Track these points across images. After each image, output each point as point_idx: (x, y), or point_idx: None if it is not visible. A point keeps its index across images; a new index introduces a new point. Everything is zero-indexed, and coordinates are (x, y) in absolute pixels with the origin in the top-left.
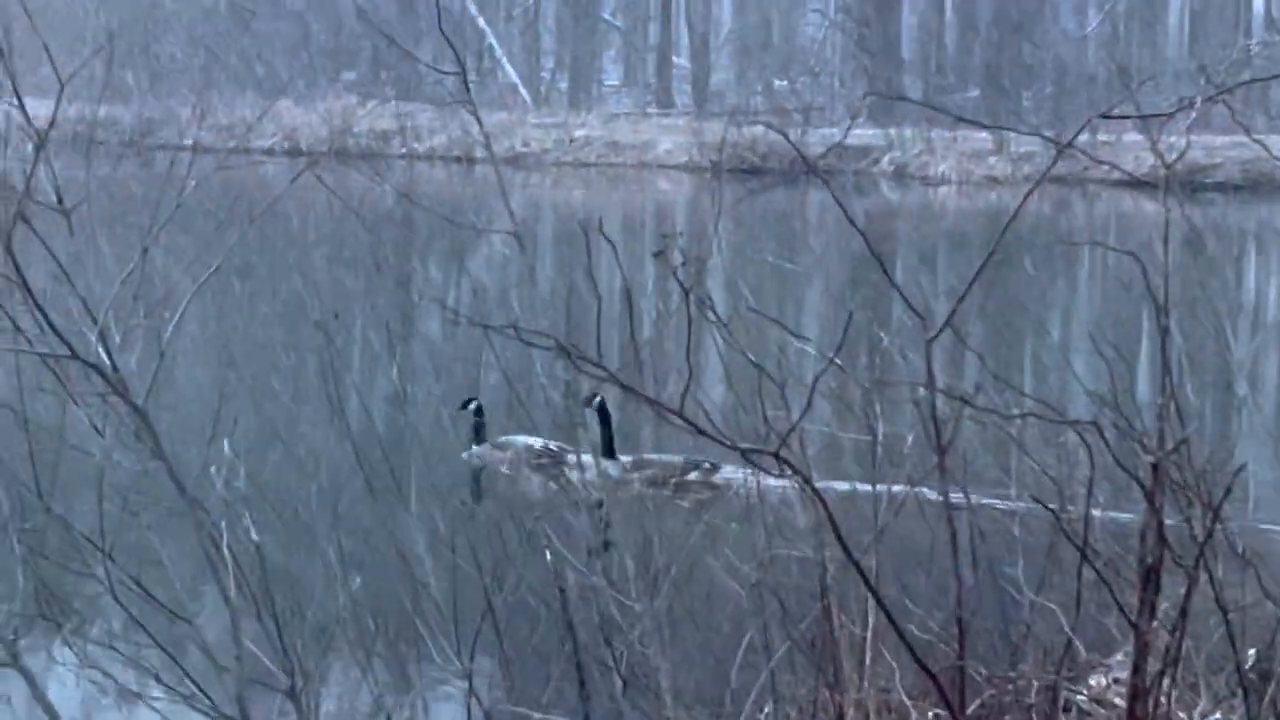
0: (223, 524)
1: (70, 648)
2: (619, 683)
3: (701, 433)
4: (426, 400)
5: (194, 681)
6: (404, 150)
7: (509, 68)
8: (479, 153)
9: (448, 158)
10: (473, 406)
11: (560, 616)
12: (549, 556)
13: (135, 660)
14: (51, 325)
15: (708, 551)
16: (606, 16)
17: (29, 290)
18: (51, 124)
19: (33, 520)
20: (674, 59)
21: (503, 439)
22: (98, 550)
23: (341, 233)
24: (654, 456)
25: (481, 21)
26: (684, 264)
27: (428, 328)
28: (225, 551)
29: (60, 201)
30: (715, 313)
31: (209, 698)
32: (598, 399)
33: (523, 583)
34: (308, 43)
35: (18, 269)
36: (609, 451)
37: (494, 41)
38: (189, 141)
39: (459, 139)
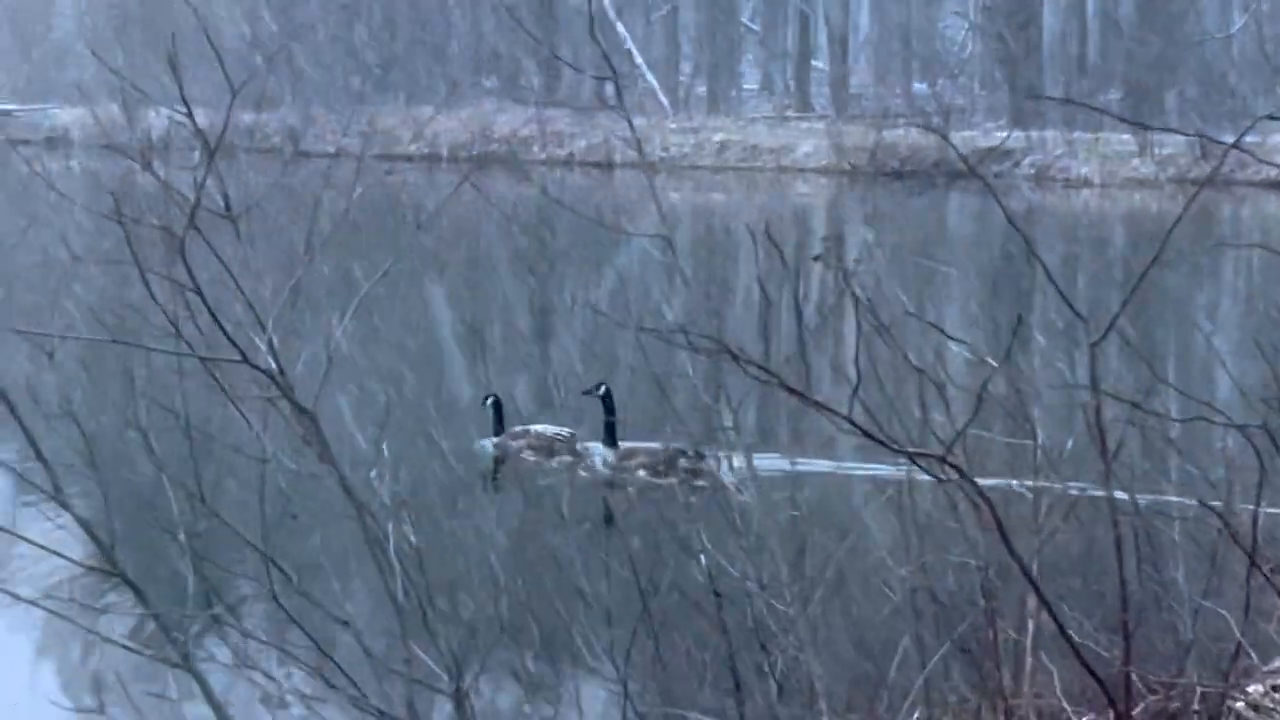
0: (389, 527)
1: (233, 649)
2: (774, 687)
3: (869, 436)
4: (580, 404)
5: (353, 683)
6: (544, 155)
7: (648, 73)
8: (618, 157)
9: (587, 163)
10: (491, 401)
11: (715, 620)
12: (703, 561)
13: (300, 662)
14: (224, 330)
15: (860, 555)
16: (745, 21)
17: (202, 296)
18: (223, 132)
19: (199, 523)
20: (812, 62)
21: (519, 428)
22: (259, 553)
23: (491, 237)
24: (645, 444)
25: (620, 27)
26: (844, 268)
27: (581, 330)
28: (391, 555)
29: (228, 208)
30: (876, 315)
31: (371, 700)
32: (601, 388)
33: (677, 587)
34: (449, 49)
35: (191, 275)
36: (610, 438)
37: (633, 47)
38: (333, 149)
39: (598, 144)
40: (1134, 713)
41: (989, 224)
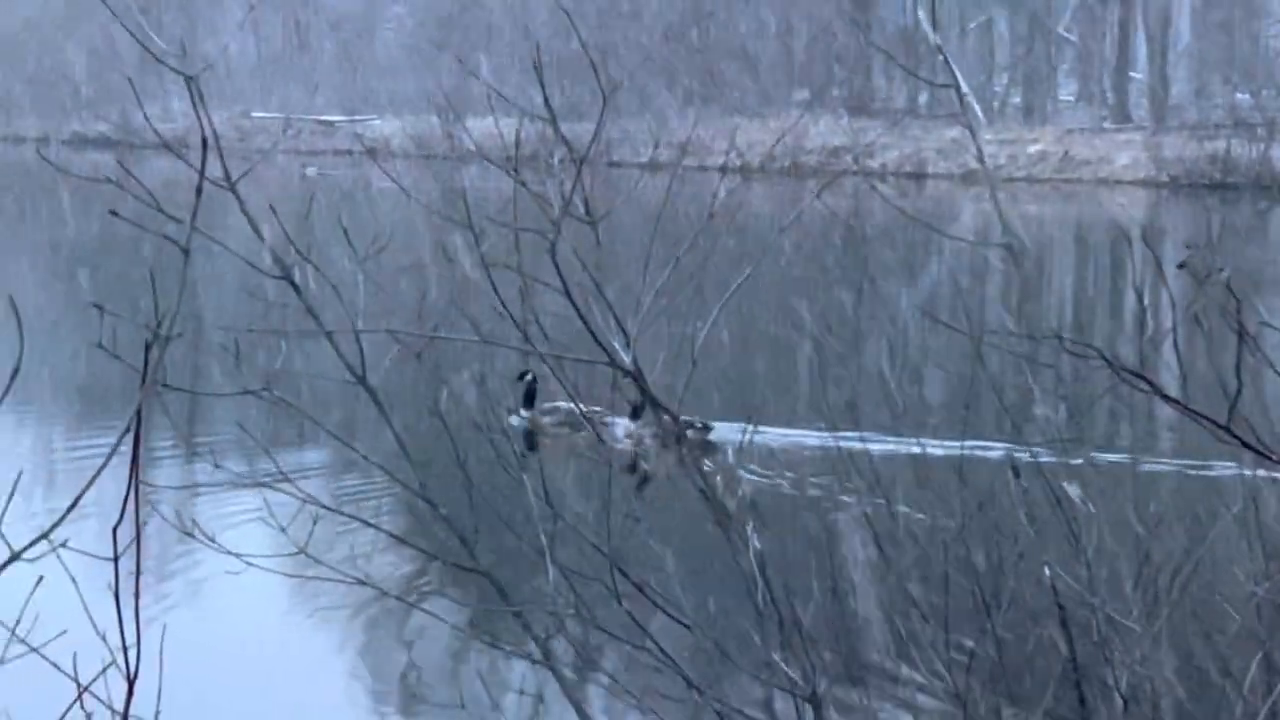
0: (748, 531)
1: (588, 649)
2: (1119, 703)
3: (1248, 446)
4: (919, 410)
5: (694, 687)
6: (855, 167)
7: (962, 83)
8: (930, 168)
9: (899, 174)
10: (528, 378)
11: (1059, 633)
12: (1047, 573)
13: (658, 663)
14: (592, 332)
15: (1206, 567)
16: (1061, 31)
17: (571, 299)
18: (593, 140)
19: (554, 523)
20: (1131, 73)
21: (548, 404)
22: (604, 557)
23: (819, 243)
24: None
25: (935, 37)
26: (1209, 276)
27: (924, 339)
28: (751, 560)
29: (588, 213)
30: (1243, 326)
31: (728, 704)
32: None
33: (1018, 598)
34: (761, 60)
35: (561, 278)
36: (635, 414)
37: (947, 57)
38: (645, 159)
39: (910, 154)
40: None
41: None
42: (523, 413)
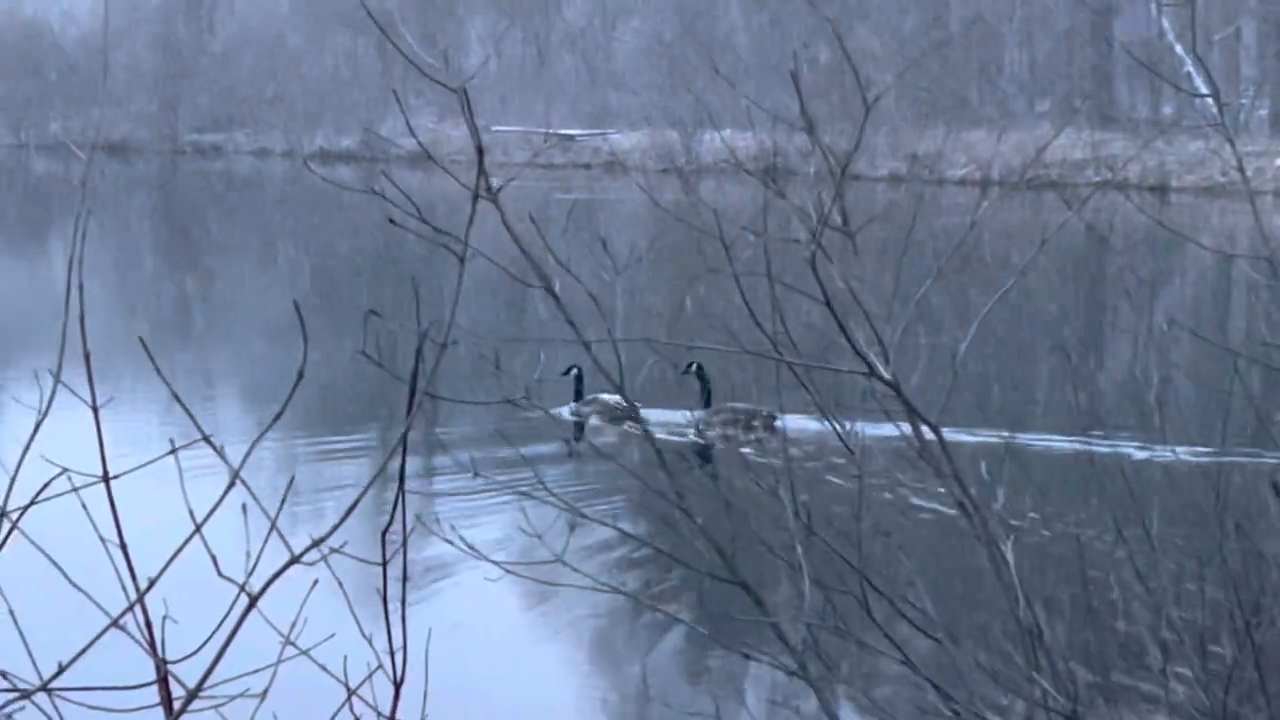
0: (1007, 545)
1: (844, 661)
2: None
3: None
4: (1173, 422)
5: (950, 700)
6: (1104, 178)
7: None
8: (1173, 181)
9: (1141, 187)
10: (574, 373)
11: None
12: None
13: (902, 679)
14: (851, 343)
15: None
16: None
17: (832, 308)
18: (854, 150)
19: (808, 536)
20: None
21: (590, 396)
22: (854, 569)
23: (1067, 257)
24: (729, 405)
25: (1179, 48)
26: None
27: (1174, 351)
28: (1012, 575)
29: (845, 223)
30: None
31: (982, 718)
32: (694, 365)
33: (1278, 617)
34: (1000, 73)
35: (822, 288)
36: (707, 402)
37: (1191, 69)
38: (883, 172)
39: (1153, 167)
40: None
41: None
42: (572, 405)
